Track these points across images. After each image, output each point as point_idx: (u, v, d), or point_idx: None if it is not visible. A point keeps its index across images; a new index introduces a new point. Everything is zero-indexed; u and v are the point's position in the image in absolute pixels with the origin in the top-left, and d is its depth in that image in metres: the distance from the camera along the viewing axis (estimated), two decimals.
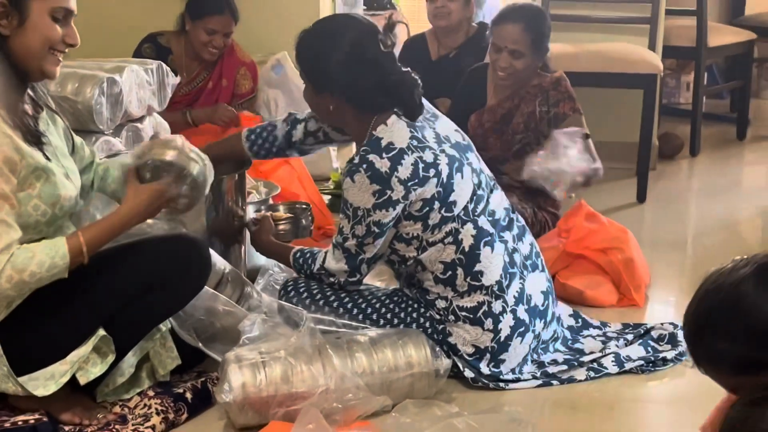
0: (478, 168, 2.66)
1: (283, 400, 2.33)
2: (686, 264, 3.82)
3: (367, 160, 2.50)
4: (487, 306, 2.59)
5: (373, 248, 2.59)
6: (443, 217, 2.55)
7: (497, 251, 2.60)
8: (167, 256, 2.36)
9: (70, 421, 2.28)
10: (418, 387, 2.48)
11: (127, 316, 2.31)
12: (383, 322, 2.67)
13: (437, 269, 2.60)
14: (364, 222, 2.54)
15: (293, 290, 2.74)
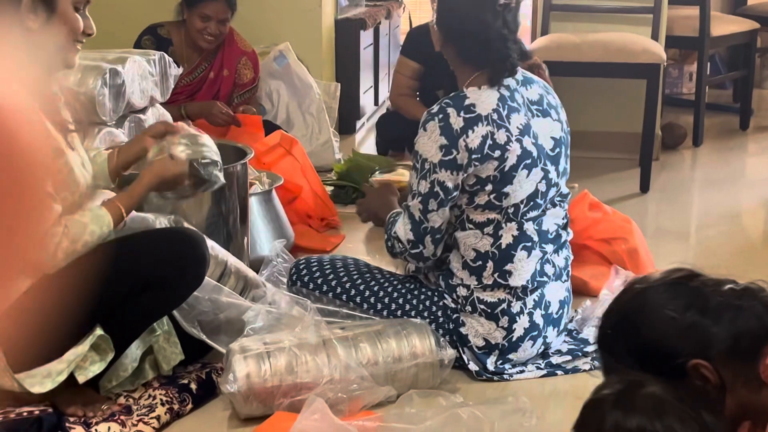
0: (553, 181, 2.58)
1: (288, 391, 2.33)
2: (690, 254, 3.81)
3: (445, 111, 2.47)
4: (507, 304, 2.58)
5: (437, 218, 2.51)
6: (489, 202, 2.50)
7: (533, 258, 2.57)
8: (164, 253, 2.32)
9: (74, 413, 2.27)
10: (422, 377, 2.48)
11: (125, 313, 2.29)
12: (395, 307, 2.66)
13: (468, 255, 2.57)
14: (429, 178, 2.47)
15: (305, 270, 2.74)
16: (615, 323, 1.56)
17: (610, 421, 1.35)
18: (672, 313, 1.48)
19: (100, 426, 2.22)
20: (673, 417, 1.33)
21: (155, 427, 2.29)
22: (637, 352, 1.50)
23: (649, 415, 1.34)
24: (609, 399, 1.38)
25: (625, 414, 1.35)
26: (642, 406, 1.35)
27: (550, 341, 2.69)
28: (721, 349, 1.44)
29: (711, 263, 3.61)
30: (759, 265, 3.62)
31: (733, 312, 1.48)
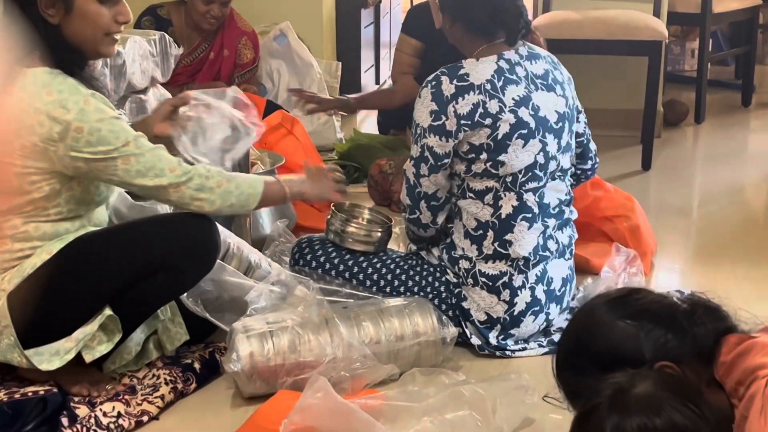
0: (552, 153, 2.59)
1: (291, 369, 2.34)
2: (692, 231, 3.82)
3: (439, 78, 2.51)
4: (508, 277, 2.59)
5: (428, 183, 2.55)
6: (486, 170, 2.52)
7: (534, 230, 2.58)
8: (176, 236, 2.33)
9: (78, 393, 2.29)
10: (425, 355, 2.49)
11: (135, 295, 2.30)
12: (398, 283, 2.67)
13: (470, 224, 2.58)
14: (419, 143, 2.53)
15: (308, 248, 2.76)
16: (574, 341, 1.59)
17: (609, 427, 1.35)
18: (625, 324, 1.53)
19: (105, 405, 2.23)
20: (670, 410, 1.34)
21: (159, 406, 2.30)
22: (600, 365, 1.52)
23: (647, 412, 1.34)
24: (603, 406, 1.38)
25: (623, 416, 1.35)
26: (638, 406, 1.35)
27: (553, 318, 2.70)
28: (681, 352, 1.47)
29: (713, 239, 3.62)
30: (761, 240, 3.62)
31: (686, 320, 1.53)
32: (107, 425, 2.18)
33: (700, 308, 1.56)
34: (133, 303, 2.31)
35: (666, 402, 1.35)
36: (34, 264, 2.23)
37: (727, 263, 3.32)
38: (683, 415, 1.33)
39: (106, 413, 2.20)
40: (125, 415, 2.22)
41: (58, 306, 2.24)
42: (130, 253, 2.28)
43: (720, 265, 3.32)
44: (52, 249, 2.25)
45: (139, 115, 3.45)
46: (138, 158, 2.21)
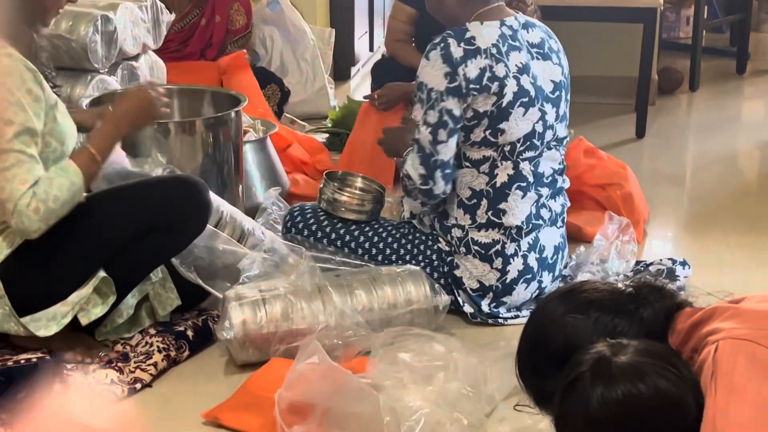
0: (550, 123, 2.59)
1: (284, 337, 2.35)
2: (685, 199, 3.82)
3: (446, 40, 2.48)
4: (501, 246, 2.59)
5: (446, 149, 2.49)
6: (485, 138, 2.51)
7: (527, 199, 2.58)
8: (169, 198, 2.36)
9: (72, 359, 2.30)
10: (417, 323, 2.49)
11: (128, 257, 2.32)
12: (389, 252, 2.67)
13: (464, 194, 2.58)
14: (437, 107, 2.47)
15: (299, 217, 2.75)
16: (529, 344, 1.60)
17: (595, 398, 1.36)
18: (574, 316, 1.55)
19: (98, 373, 2.24)
20: (652, 374, 1.36)
21: (152, 373, 2.31)
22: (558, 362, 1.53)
23: (631, 379, 1.36)
24: (586, 376, 1.39)
25: (608, 386, 1.36)
26: (621, 374, 1.37)
27: (545, 286, 2.71)
28: (630, 335, 1.47)
29: (706, 207, 3.63)
30: (753, 208, 3.63)
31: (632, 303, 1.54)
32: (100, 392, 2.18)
33: (644, 289, 1.57)
34: (127, 265, 2.32)
35: (649, 368, 1.36)
36: None
37: (720, 231, 3.32)
38: (666, 379, 1.35)
39: (99, 381, 2.21)
40: (118, 383, 2.23)
41: (53, 272, 2.25)
42: (123, 216, 2.29)
43: (712, 232, 3.33)
44: None
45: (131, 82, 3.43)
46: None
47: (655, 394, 1.33)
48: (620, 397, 1.34)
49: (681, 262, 2.92)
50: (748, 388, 1.28)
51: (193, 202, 2.39)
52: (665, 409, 1.34)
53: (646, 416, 1.34)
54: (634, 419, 1.33)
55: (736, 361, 1.31)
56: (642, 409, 1.33)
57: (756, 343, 1.32)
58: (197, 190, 2.40)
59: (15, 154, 2.12)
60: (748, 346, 1.32)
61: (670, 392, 1.34)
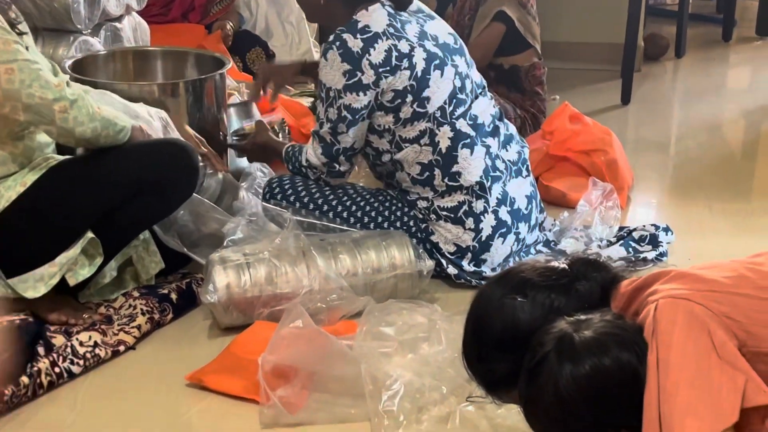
0: (465, 72, 2.64)
1: (268, 301, 2.35)
2: (669, 165, 3.83)
3: (341, 38, 2.50)
4: (468, 206, 2.60)
5: (347, 138, 2.57)
6: (415, 112, 2.54)
7: (477, 154, 2.60)
8: (158, 160, 2.35)
9: (56, 321, 2.29)
10: (401, 287, 2.50)
11: (116, 220, 2.32)
12: (367, 220, 2.68)
13: (414, 170, 2.60)
14: (335, 104, 2.53)
15: (278, 187, 2.74)
16: (472, 332, 1.61)
17: (564, 376, 1.38)
18: (510, 298, 1.55)
19: (81, 335, 2.23)
20: (614, 347, 1.39)
21: (136, 336, 2.31)
22: (503, 348, 1.54)
23: (596, 353, 1.38)
24: (551, 358, 1.41)
25: (575, 363, 1.38)
26: (586, 349, 1.39)
27: (524, 237, 2.71)
28: (569, 309, 1.49)
29: (690, 174, 3.64)
30: (737, 175, 3.65)
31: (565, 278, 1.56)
32: (83, 354, 2.19)
33: (577, 264, 1.60)
34: (114, 227, 2.33)
35: (609, 340, 1.39)
36: (9, 198, 2.22)
37: (703, 198, 3.34)
38: (627, 349, 1.38)
39: (82, 342, 2.21)
40: (102, 345, 2.23)
41: (40, 234, 2.24)
42: (110, 177, 2.29)
43: (696, 199, 3.34)
44: (26, 180, 2.24)
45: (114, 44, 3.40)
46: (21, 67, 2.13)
47: (619, 366, 1.38)
48: (588, 371, 1.37)
49: (664, 228, 2.93)
50: (687, 343, 1.32)
51: (181, 165, 2.39)
52: (628, 378, 1.37)
53: (612, 387, 1.37)
54: (602, 392, 1.37)
55: (675, 319, 1.35)
56: (609, 382, 1.37)
57: (694, 302, 1.36)
58: (185, 153, 2.40)
59: (33, 65, 2.14)
60: (687, 304, 1.36)
61: (631, 363, 1.37)
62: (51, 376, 2.10)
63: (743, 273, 1.44)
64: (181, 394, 2.11)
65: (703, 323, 1.34)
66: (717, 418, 1.27)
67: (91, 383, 2.15)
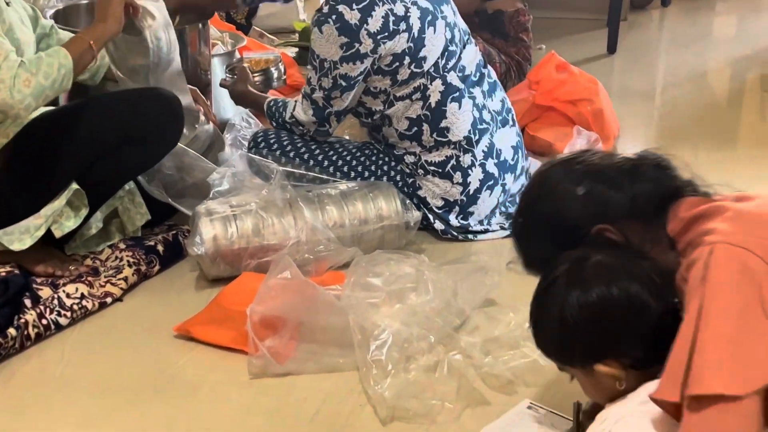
0: (453, 22, 2.61)
1: (255, 253, 2.35)
2: (655, 115, 3.83)
3: (337, 10, 2.45)
4: (456, 160, 2.59)
5: (341, 102, 2.57)
6: (412, 72, 2.52)
7: (465, 107, 2.58)
8: (142, 110, 2.33)
9: (43, 273, 2.29)
10: (388, 239, 2.50)
11: (101, 170, 2.30)
12: (354, 174, 2.67)
13: (402, 126, 2.58)
14: (331, 75, 2.51)
15: (263, 141, 2.73)
16: (523, 210, 1.59)
17: (570, 302, 1.38)
18: (567, 186, 1.51)
19: (68, 287, 2.23)
20: (624, 277, 1.37)
21: (123, 288, 2.31)
22: (546, 233, 1.53)
23: (604, 282, 1.37)
24: (560, 282, 1.40)
25: (583, 290, 1.38)
26: (595, 277, 1.38)
27: (509, 188, 2.72)
28: (621, 212, 1.47)
29: (675, 123, 3.64)
30: (723, 124, 3.65)
31: (628, 176, 1.50)
32: (70, 306, 2.18)
33: (647, 165, 1.53)
34: (99, 178, 2.31)
35: (619, 270, 1.38)
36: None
37: (689, 147, 3.34)
38: (639, 282, 1.37)
39: (69, 294, 2.21)
40: (88, 297, 2.23)
41: (25, 184, 2.23)
42: (96, 127, 2.27)
43: (682, 148, 3.33)
44: (9, 132, 2.22)
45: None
46: None
47: (627, 296, 1.36)
48: (595, 299, 1.36)
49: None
50: (735, 296, 1.29)
51: (166, 114, 2.37)
52: (634, 310, 1.36)
53: (617, 317, 1.37)
54: (607, 320, 1.36)
55: (727, 269, 1.31)
56: (614, 311, 1.36)
57: (751, 252, 1.31)
58: (170, 103, 2.39)
59: None
60: (743, 254, 1.31)
61: (639, 295, 1.36)
62: (38, 328, 2.10)
63: None
64: (169, 346, 2.11)
65: (755, 277, 1.30)
66: (750, 377, 1.24)
67: (79, 335, 2.16)
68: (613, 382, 1.38)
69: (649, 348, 1.37)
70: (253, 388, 1.95)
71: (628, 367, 1.37)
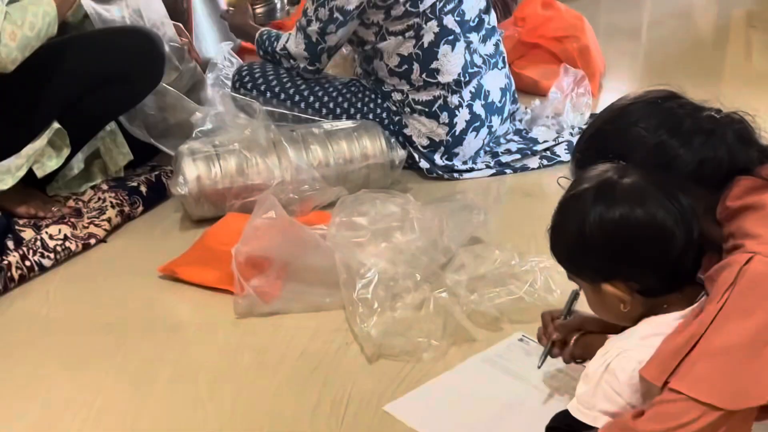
0: None
1: (239, 192, 2.33)
2: (640, 52, 3.81)
3: None
4: (443, 100, 2.57)
5: (334, 37, 2.54)
6: (407, 11, 2.49)
7: (458, 51, 2.55)
8: (124, 48, 2.31)
9: (25, 214, 2.27)
10: (373, 178, 2.49)
11: (82, 109, 2.27)
12: (340, 111, 2.65)
13: (393, 62, 2.56)
14: (327, 6, 2.48)
15: (248, 75, 2.69)
16: (591, 132, 1.55)
17: (593, 216, 1.36)
18: (642, 131, 1.46)
19: (51, 228, 2.21)
20: (653, 202, 1.34)
21: (106, 229, 2.29)
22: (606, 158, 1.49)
23: (631, 203, 1.35)
24: (589, 194, 1.38)
25: (608, 206, 1.35)
26: (623, 196, 1.35)
27: (495, 130, 2.71)
28: (684, 171, 1.43)
29: (661, 60, 3.62)
30: (708, 61, 3.63)
31: (704, 137, 1.43)
32: (54, 248, 2.17)
33: (728, 130, 1.44)
34: (81, 118, 2.29)
35: (650, 194, 1.35)
36: None
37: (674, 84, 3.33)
38: (665, 209, 1.34)
39: (52, 236, 2.19)
40: (72, 238, 2.21)
41: (5, 124, 2.20)
42: (76, 66, 2.24)
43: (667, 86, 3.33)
44: None
45: None
46: None
47: (650, 221, 1.33)
48: (617, 218, 1.34)
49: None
50: (757, 315, 1.26)
51: (148, 52, 2.34)
52: (655, 237, 1.33)
53: (636, 240, 1.34)
54: (624, 241, 1.34)
55: (759, 285, 1.27)
56: (634, 234, 1.33)
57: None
58: (152, 41, 2.36)
59: None
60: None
61: (664, 223, 1.33)
62: (22, 270, 2.09)
63: None
64: (154, 287, 2.11)
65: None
66: (745, 394, 1.23)
67: (63, 276, 2.15)
68: (617, 303, 1.38)
69: (662, 278, 1.35)
70: (239, 328, 1.95)
71: (636, 292, 1.37)
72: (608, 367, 1.35)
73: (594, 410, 1.37)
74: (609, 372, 1.35)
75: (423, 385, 1.74)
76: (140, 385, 1.75)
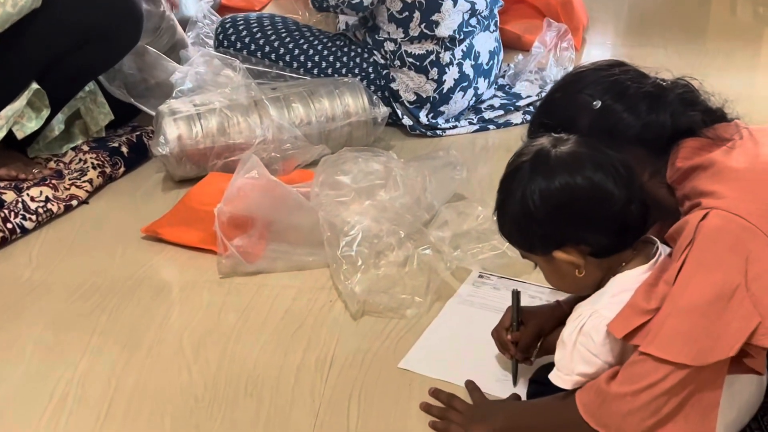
0: None
1: (221, 152, 2.32)
2: (624, 6, 3.79)
3: None
4: (435, 56, 2.56)
5: None
6: None
7: (459, 7, 2.54)
8: (102, 6, 2.27)
9: (5, 176, 2.26)
10: (356, 135, 2.48)
11: (62, 69, 2.25)
12: (325, 65, 2.63)
13: (395, 7, 2.53)
14: None
15: (231, 29, 2.67)
16: (542, 104, 1.57)
17: (532, 189, 1.37)
18: (588, 97, 1.47)
19: (32, 190, 2.20)
20: (588, 165, 1.36)
21: (88, 190, 2.28)
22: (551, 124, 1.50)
23: (568, 170, 1.36)
24: (525, 169, 1.39)
25: (545, 176, 1.37)
26: (558, 164, 1.37)
27: (481, 92, 2.70)
28: (628, 135, 1.44)
29: (645, 15, 3.61)
30: (692, 16, 3.62)
31: (649, 102, 1.46)
32: (35, 210, 2.16)
33: (672, 95, 1.46)
34: (61, 78, 2.26)
35: (585, 159, 1.37)
36: None
37: (658, 38, 3.32)
38: (602, 170, 1.36)
39: (33, 198, 2.18)
40: (53, 200, 2.20)
41: None
42: (53, 25, 2.21)
43: (651, 39, 3.32)
44: None
45: None
46: None
47: (586, 184, 1.35)
48: (555, 186, 1.36)
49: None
50: (718, 269, 1.27)
51: (126, 10, 2.31)
52: (595, 197, 1.36)
53: (576, 203, 1.36)
54: (566, 206, 1.36)
55: (717, 239, 1.28)
56: (573, 197, 1.36)
57: (747, 221, 1.28)
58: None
59: None
60: (738, 226, 1.28)
61: (601, 183, 1.35)
62: (3, 232, 2.08)
63: None
64: (137, 247, 2.10)
65: (745, 248, 1.26)
66: (711, 349, 1.25)
67: (46, 238, 2.14)
68: (572, 269, 1.39)
69: (609, 235, 1.37)
70: (223, 288, 1.95)
71: (588, 255, 1.38)
72: (582, 330, 1.37)
73: (573, 375, 1.38)
74: (583, 334, 1.37)
75: (422, 336, 1.76)
76: (125, 347, 1.75)
